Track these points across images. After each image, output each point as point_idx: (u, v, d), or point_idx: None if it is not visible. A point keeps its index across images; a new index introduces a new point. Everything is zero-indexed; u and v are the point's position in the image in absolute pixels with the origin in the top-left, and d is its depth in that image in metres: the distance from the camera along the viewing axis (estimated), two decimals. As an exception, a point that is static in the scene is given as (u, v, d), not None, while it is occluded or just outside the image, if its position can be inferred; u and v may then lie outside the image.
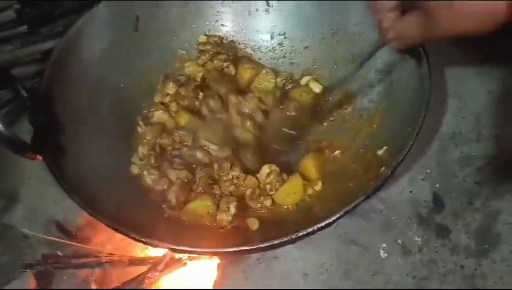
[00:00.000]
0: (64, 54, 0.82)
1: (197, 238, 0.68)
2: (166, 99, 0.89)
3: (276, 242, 0.61)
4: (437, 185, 0.84)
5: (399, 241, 0.79)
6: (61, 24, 1.10)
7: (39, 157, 0.68)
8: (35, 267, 0.84)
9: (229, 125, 0.86)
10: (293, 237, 0.61)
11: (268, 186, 0.77)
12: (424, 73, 0.71)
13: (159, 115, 0.88)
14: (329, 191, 0.76)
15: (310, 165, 0.79)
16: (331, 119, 0.86)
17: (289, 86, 0.92)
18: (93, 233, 0.89)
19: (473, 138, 0.87)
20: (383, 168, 0.67)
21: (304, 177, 0.78)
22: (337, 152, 0.80)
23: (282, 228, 0.69)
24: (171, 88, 0.89)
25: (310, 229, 0.62)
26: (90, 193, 0.70)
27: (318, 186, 0.77)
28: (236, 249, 0.62)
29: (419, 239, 0.79)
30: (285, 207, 0.77)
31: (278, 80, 0.91)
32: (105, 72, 0.87)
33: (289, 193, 0.75)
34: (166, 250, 0.83)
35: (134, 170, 0.82)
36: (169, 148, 0.84)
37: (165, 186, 0.78)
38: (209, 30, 0.97)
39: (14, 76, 0.72)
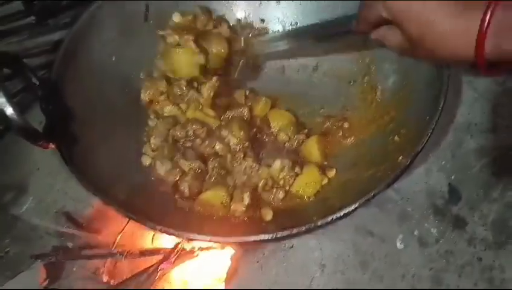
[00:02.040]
0: (75, 43, 0.81)
1: (212, 229, 0.67)
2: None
3: (295, 231, 0.61)
4: (453, 177, 0.83)
5: (415, 232, 0.77)
6: (68, 15, 1.09)
7: (52, 145, 0.67)
8: (45, 258, 0.83)
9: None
10: (312, 225, 0.60)
11: (281, 181, 0.76)
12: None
13: (169, 109, 0.86)
14: (345, 181, 0.75)
15: (314, 148, 0.79)
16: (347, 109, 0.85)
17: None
18: (103, 224, 0.88)
19: (489, 129, 0.86)
20: (401, 157, 0.66)
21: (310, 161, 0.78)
22: (352, 140, 0.79)
23: (296, 219, 0.69)
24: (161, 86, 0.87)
25: (329, 218, 0.61)
26: (102, 182, 0.69)
27: (332, 173, 0.76)
28: (254, 238, 0.61)
29: (435, 230, 0.78)
30: (299, 199, 0.75)
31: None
32: (115, 62, 0.86)
33: (307, 183, 0.75)
34: (177, 241, 0.83)
35: (146, 160, 0.81)
36: (182, 140, 0.83)
37: (178, 177, 0.77)
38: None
39: (26, 64, 0.71)
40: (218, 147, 0.79)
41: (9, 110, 0.60)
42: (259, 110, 0.86)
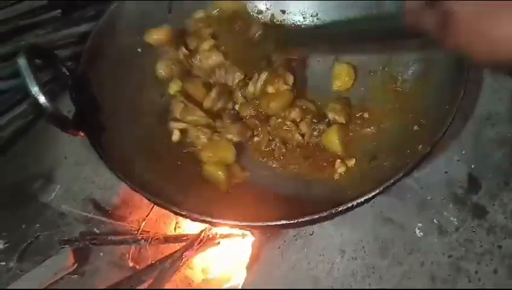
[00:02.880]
0: (101, 35, 0.84)
1: (234, 214, 0.68)
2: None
3: (316, 216, 0.62)
4: (472, 166, 0.83)
5: (435, 220, 0.78)
6: (93, 8, 1.12)
7: (81, 133, 0.70)
8: (73, 243, 0.87)
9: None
10: (333, 211, 0.62)
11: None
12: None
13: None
14: (365, 170, 0.75)
15: (334, 137, 0.79)
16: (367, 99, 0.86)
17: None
18: (128, 211, 0.92)
19: (509, 118, 0.86)
20: (421, 146, 0.67)
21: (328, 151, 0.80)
22: (372, 130, 0.80)
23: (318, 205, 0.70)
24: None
25: (350, 204, 0.62)
26: (129, 168, 0.71)
27: (351, 163, 0.77)
28: (275, 222, 0.62)
29: (455, 219, 0.78)
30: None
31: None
32: (140, 53, 0.88)
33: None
34: (201, 228, 0.85)
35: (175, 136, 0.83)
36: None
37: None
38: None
39: (57, 56, 0.74)
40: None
41: (41, 99, 0.63)
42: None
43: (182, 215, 0.65)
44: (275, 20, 0.96)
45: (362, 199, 0.63)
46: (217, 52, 0.86)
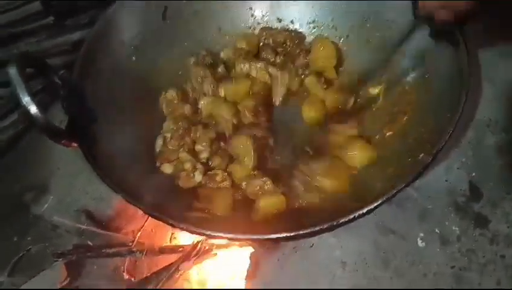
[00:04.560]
0: (95, 44, 0.82)
1: (231, 227, 0.67)
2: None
3: (316, 229, 0.60)
4: (473, 174, 0.82)
5: (436, 230, 0.77)
6: (87, 15, 1.10)
7: (74, 144, 0.68)
8: (66, 256, 0.84)
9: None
10: (334, 223, 0.60)
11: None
12: (462, 58, 0.69)
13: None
14: (366, 179, 0.74)
15: None
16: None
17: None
18: (123, 223, 0.89)
19: (510, 126, 0.85)
20: (422, 154, 0.66)
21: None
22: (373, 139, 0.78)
23: (316, 217, 0.68)
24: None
25: (351, 216, 0.61)
26: (123, 180, 0.69)
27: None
28: (276, 235, 0.60)
29: (457, 228, 0.77)
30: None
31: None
32: (134, 61, 0.87)
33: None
34: (197, 239, 0.83)
35: (167, 169, 0.81)
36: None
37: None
38: (237, 18, 0.96)
39: (48, 64, 0.72)
40: None
41: (33, 109, 0.61)
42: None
43: (179, 228, 0.63)
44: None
45: (364, 211, 0.61)
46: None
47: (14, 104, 0.98)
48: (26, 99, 0.60)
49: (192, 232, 0.63)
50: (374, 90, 0.85)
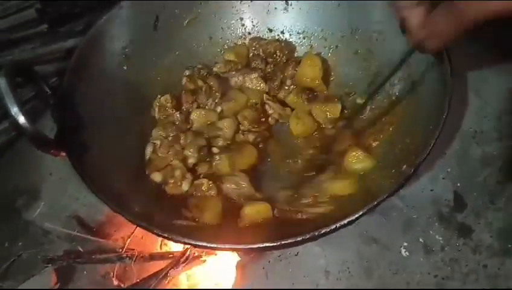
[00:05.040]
0: (86, 52, 0.82)
1: (217, 236, 0.68)
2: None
3: (299, 239, 0.61)
4: (458, 184, 0.83)
5: (420, 239, 0.78)
6: (80, 23, 1.12)
7: (62, 154, 0.69)
8: (57, 262, 0.85)
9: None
10: (316, 233, 0.61)
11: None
12: (446, 71, 0.70)
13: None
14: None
15: None
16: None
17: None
18: (113, 229, 0.91)
19: (495, 137, 0.86)
20: (405, 166, 0.66)
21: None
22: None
23: (301, 226, 0.69)
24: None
25: (333, 227, 0.62)
26: (111, 189, 0.70)
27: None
28: (259, 245, 0.61)
29: (440, 238, 0.78)
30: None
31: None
32: (125, 70, 0.88)
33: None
34: (186, 246, 0.84)
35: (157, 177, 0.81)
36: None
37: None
38: (228, 28, 0.97)
39: (37, 73, 0.73)
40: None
41: (21, 119, 0.61)
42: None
43: (165, 238, 0.64)
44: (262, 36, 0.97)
45: (346, 221, 0.62)
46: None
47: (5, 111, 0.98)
48: (14, 109, 0.61)
49: (176, 241, 0.64)
50: (361, 101, 0.86)
